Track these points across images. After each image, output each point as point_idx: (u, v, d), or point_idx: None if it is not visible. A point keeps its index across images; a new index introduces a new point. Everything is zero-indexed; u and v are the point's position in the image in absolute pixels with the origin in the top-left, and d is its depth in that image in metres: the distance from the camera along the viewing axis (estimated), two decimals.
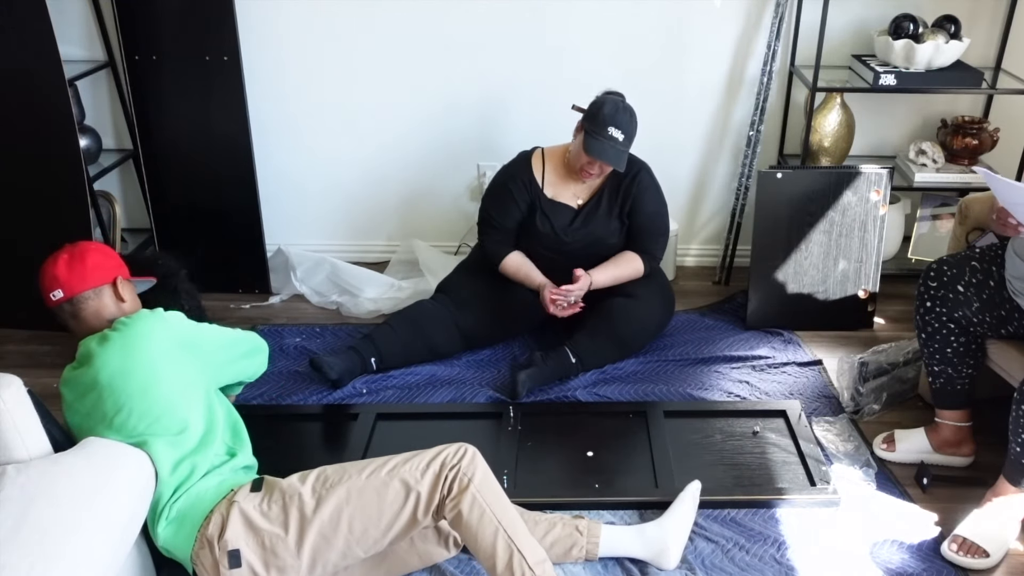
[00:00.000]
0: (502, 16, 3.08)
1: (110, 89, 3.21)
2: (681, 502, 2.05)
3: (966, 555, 1.98)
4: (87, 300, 1.89)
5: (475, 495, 1.72)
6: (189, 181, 3.12)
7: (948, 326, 2.19)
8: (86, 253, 1.93)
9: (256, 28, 3.05)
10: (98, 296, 1.91)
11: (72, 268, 1.89)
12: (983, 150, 3.05)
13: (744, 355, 2.81)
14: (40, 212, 2.85)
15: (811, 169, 2.92)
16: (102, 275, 1.93)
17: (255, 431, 2.45)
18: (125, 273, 2.01)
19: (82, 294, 1.89)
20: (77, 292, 1.88)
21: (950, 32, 2.92)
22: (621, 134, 2.51)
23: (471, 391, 2.64)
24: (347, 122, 3.27)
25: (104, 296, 1.92)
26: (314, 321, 3.07)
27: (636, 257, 2.73)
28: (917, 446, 2.32)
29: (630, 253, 2.74)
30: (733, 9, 3.07)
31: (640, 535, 1.99)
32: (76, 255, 1.92)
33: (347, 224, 3.45)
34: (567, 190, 2.71)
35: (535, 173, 2.70)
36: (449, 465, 1.74)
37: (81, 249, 1.94)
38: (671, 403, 2.56)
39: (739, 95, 3.20)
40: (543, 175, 2.70)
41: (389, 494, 1.72)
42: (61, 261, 1.90)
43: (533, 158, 2.72)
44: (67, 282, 1.88)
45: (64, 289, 1.88)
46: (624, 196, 2.69)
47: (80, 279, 1.89)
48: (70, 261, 1.90)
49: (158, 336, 1.85)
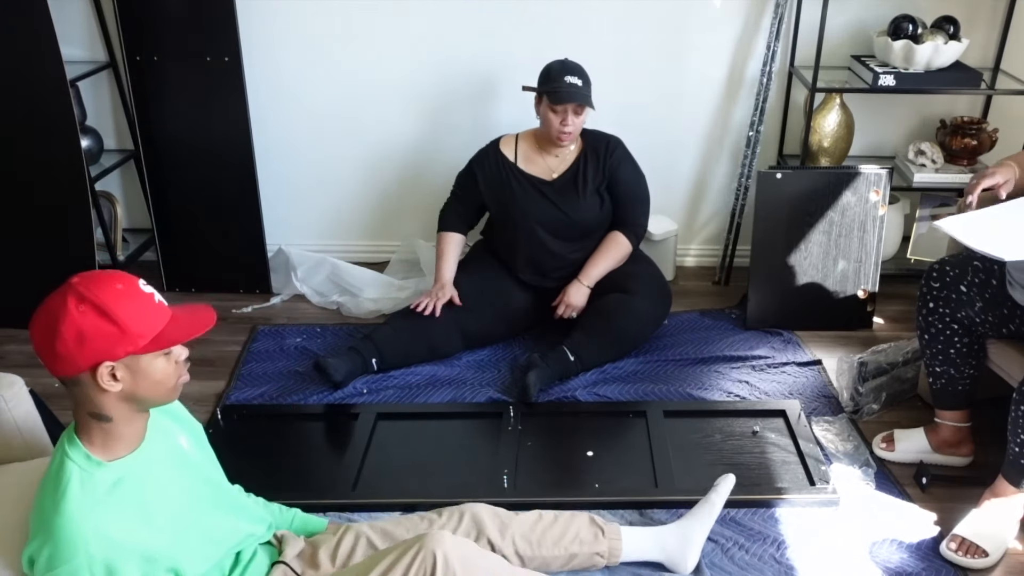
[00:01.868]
0: (502, 18, 3.08)
1: (111, 90, 3.22)
2: (710, 504, 2.00)
3: (965, 554, 1.99)
4: (67, 384, 1.36)
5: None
6: (190, 181, 3.12)
7: (951, 327, 2.19)
8: (61, 320, 1.29)
9: (257, 29, 3.05)
10: (77, 383, 1.35)
11: (43, 344, 1.33)
12: (982, 150, 3.05)
13: (744, 355, 2.81)
14: (42, 212, 2.86)
15: (810, 169, 2.93)
16: (78, 359, 1.31)
17: (255, 431, 2.47)
18: (134, 345, 1.33)
19: (62, 380, 1.36)
20: (53, 373, 1.35)
21: (949, 33, 2.92)
22: (578, 79, 2.61)
23: (471, 391, 2.64)
24: (347, 122, 3.27)
25: (83, 385, 1.34)
26: (315, 321, 3.08)
27: (619, 236, 2.80)
28: (916, 446, 2.33)
29: (613, 234, 2.81)
30: (733, 9, 3.07)
31: (659, 537, 1.96)
32: (48, 324, 1.31)
33: (347, 224, 3.45)
34: (541, 164, 2.78)
35: (504, 150, 2.80)
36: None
37: (56, 314, 1.30)
38: (671, 403, 2.56)
39: (738, 95, 3.21)
40: (515, 153, 2.80)
41: None
42: (35, 323, 1.34)
43: (503, 141, 2.83)
44: (40, 354, 1.34)
45: (43, 362, 1.35)
46: (602, 171, 2.75)
47: (50, 360, 1.33)
48: (43, 331, 1.32)
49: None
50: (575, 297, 2.76)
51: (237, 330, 3.02)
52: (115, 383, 1.34)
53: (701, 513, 1.99)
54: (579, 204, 2.75)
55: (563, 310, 2.77)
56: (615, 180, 2.76)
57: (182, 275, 3.26)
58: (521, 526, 1.86)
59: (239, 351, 2.89)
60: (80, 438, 1.38)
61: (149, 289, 1.39)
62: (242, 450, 2.36)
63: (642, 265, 2.87)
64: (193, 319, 1.41)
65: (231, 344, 2.93)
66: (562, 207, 2.75)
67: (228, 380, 2.73)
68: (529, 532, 1.86)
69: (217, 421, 2.47)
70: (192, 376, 1.38)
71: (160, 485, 1.44)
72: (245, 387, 2.68)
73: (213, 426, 2.46)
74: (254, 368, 2.78)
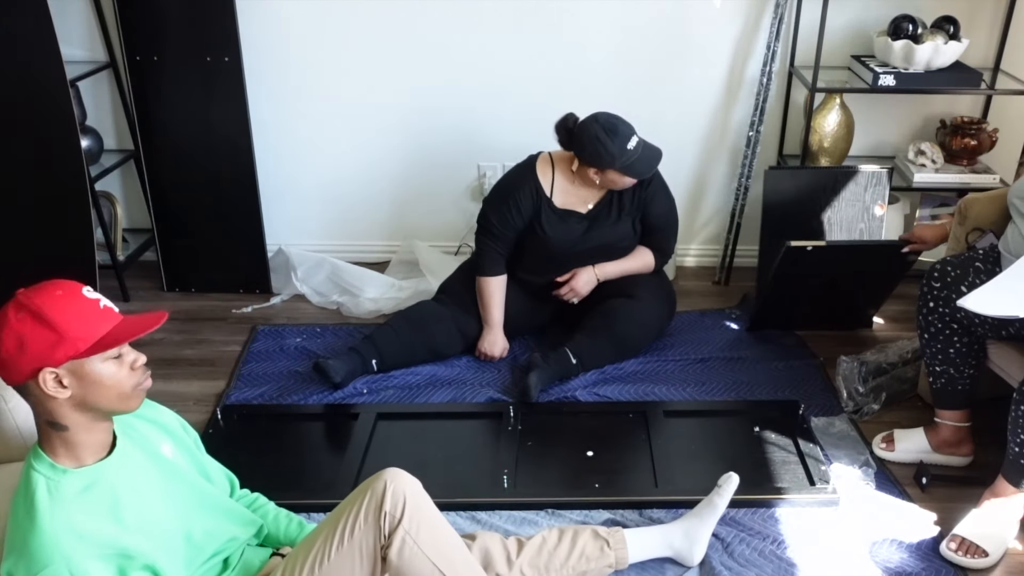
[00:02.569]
0: (503, 16, 3.08)
1: (111, 90, 3.22)
2: (713, 505, 2.00)
3: (965, 554, 1.99)
4: (21, 393, 1.37)
5: (404, 537, 1.53)
6: (190, 181, 3.12)
7: (951, 326, 2.19)
8: (1, 328, 1.31)
9: (257, 29, 3.05)
10: (26, 393, 1.36)
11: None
12: (982, 150, 3.05)
13: (744, 355, 2.81)
14: (42, 212, 2.86)
15: (813, 169, 2.93)
16: (19, 366, 1.31)
17: (255, 431, 2.47)
18: (74, 348, 1.32)
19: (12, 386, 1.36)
20: (6, 382, 1.36)
21: (949, 33, 2.92)
22: (636, 138, 2.52)
23: (471, 391, 2.64)
24: (348, 122, 3.27)
25: (30, 394, 1.35)
26: (315, 321, 3.08)
27: (648, 252, 2.77)
28: (916, 446, 2.33)
29: (642, 248, 2.78)
30: (733, 9, 3.07)
31: (665, 535, 1.98)
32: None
33: (347, 224, 3.45)
34: (576, 196, 2.68)
35: (542, 181, 2.65)
36: (375, 510, 1.54)
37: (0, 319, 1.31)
38: (671, 403, 2.56)
39: (738, 95, 3.21)
40: (552, 183, 2.66)
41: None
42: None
43: (540, 164, 2.66)
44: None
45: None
46: (637, 201, 2.69)
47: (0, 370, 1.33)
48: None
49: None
50: (581, 284, 2.71)
51: (237, 330, 3.02)
52: (62, 389, 1.33)
53: (705, 512, 2.00)
54: (611, 232, 2.69)
55: (565, 291, 2.73)
56: (649, 212, 2.71)
57: (182, 275, 3.26)
58: (526, 553, 1.86)
59: (239, 351, 2.89)
60: (44, 449, 1.39)
61: (94, 295, 1.37)
62: (242, 450, 2.36)
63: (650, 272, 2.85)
64: (139, 323, 1.39)
65: (231, 344, 2.93)
66: (594, 235, 2.69)
67: (228, 380, 2.73)
68: (535, 557, 1.86)
69: (217, 421, 2.47)
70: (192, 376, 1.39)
71: (135, 490, 1.44)
72: (245, 387, 2.68)
73: (213, 426, 2.45)
74: (254, 368, 2.78)
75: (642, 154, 2.52)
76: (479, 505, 2.16)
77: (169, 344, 2.89)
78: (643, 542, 1.96)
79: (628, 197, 2.68)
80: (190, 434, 1.66)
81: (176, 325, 3.03)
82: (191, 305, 3.19)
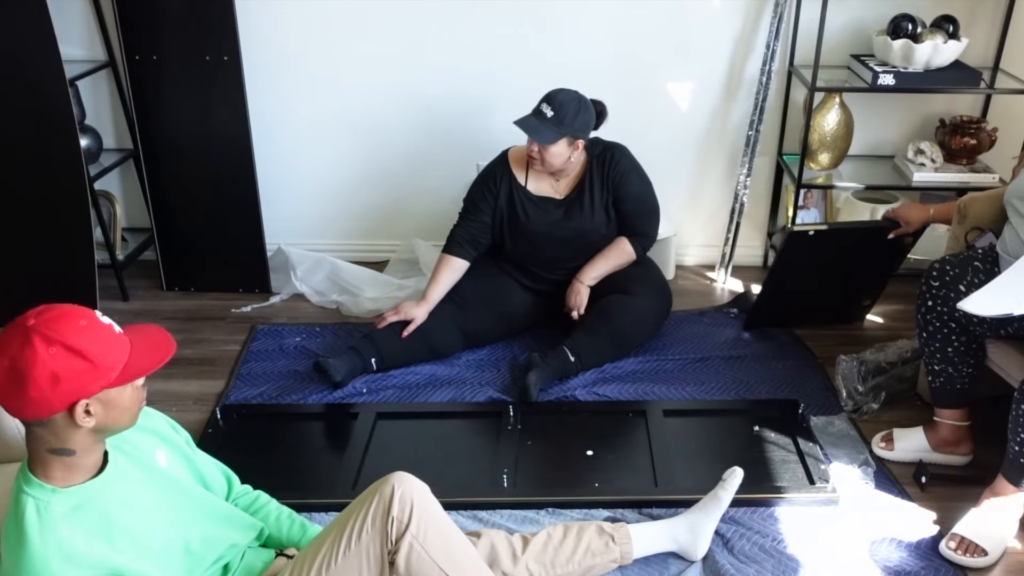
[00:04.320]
0: (502, 16, 3.08)
1: (111, 89, 3.22)
2: (717, 499, 2.01)
3: (964, 554, 1.99)
4: (29, 424, 1.34)
5: (411, 543, 1.53)
6: (189, 181, 3.12)
7: (949, 325, 2.20)
8: (31, 365, 1.26)
9: (256, 28, 3.05)
10: (45, 423, 1.32)
11: (9, 391, 1.28)
12: (981, 150, 3.05)
13: (743, 354, 2.82)
14: (41, 212, 2.86)
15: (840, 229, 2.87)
16: (54, 400, 1.29)
17: (255, 430, 2.47)
18: (105, 379, 1.32)
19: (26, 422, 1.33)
20: (21, 417, 1.33)
21: (948, 32, 2.92)
22: (550, 109, 2.57)
23: (471, 391, 2.64)
24: (347, 121, 3.27)
25: (54, 423, 1.32)
26: (314, 321, 3.08)
27: (625, 242, 2.79)
28: (916, 445, 2.33)
29: (619, 240, 2.79)
30: (732, 9, 3.07)
31: (669, 530, 1.99)
32: (14, 370, 1.27)
33: (347, 224, 3.45)
34: (548, 184, 2.76)
35: (515, 170, 2.75)
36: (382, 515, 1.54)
37: (23, 360, 1.26)
38: (671, 402, 2.57)
39: (738, 94, 3.21)
40: (525, 173, 2.75)
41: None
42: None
43: (512, 156, 2.77)
44: (5, 401, 1.30)
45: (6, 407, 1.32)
46: (607, 185, 2.72)
47: (18, 406, 1.29)
48: (8, 378, 1.27)
49: None
50: (576, 299, 2.76)
51: (236, 329, 3.02)
52: (89, 418, 1.33)
53: (709, 506, 2.01)
54: (587, 222, 2.73)
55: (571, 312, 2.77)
56: (621, 196, 2.73)
57: (181, 274, 3.26)
58: (532, 550, 1.86)
59: (238, 351, 2.89)
60: (35, 474, 1.36)
61: (107, 320, 1.37)
62: (242, 450, 2.36)
63: (643, 267, 2.86)
64: (152, 345, 1.40)
65: (230, 344, 2.93)
66: (571, 226, 2.73)
67: (227, 380, 2.73)
68: (541, 554, 1.86)
69: (216, 421, 2.47)
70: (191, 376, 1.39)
71: (129, 504, 1.43)
72: (244, 387, 2.68)
73: (212, 426, 2.45)
74: (253, 368, 2.78)
75: (531, 118, 2.60)
76: (479, 505, 2.16)
77: None
78: (648, 537, 1.97)
79: (598, 181, 2.72)
80: (181, 434, 1.65)
81: (175, 325, 3.03)
82: (190, 304, 3.19)
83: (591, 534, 1.91)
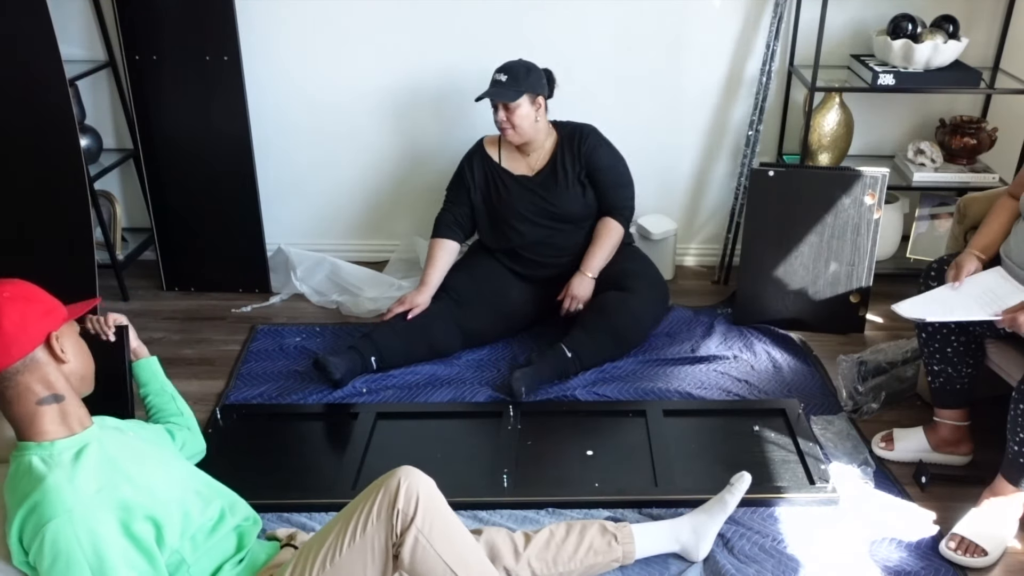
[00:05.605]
0: (502, 16, 3.09)
1: (111, 89, 3.22)
2: (723, 503, 2.02)
3: (964, 553, 1.99)
4: (13, 376, 1.43)
5: (416, 536, 1.53)
6: (189, 181, 3.12)
7: (948, 325, 2.20)
8: (1, 308, 1.40)
9: (256, 28, 3.05)
10: (28, 367, 1.43)
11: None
12: (981, 149, 3.06)
13: (743, 354, 2.82)
14: (41, 211, 2.86)
15: (805, 168, 2.91)
16: (30, 334, 1.43)
17: (255, 430, 2.47)
18: (61, 315, 1.49)
19: (5, 371, 1.42)
20: (7, 363, 1.41)
21: (948, 32, 2.92)
22: (504, 75, 2.69)
23: (471, 390, 2.64)
24: (346, 121, 3.27)
25: (37, 364, 1.44)
26: (314, 320, 3.08)
27: (611, 222, 2.84)
28: (915, 445, 2.33)
29: (604, 220, 2.84)
30: (732, 9, 3.07)
31: (673, 530, 1.99)
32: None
33: (347, 223, 3.45)
34: (523, 161, 2.84)
35: (489, 151, 2.87)
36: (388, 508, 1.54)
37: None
38: (670, 402, 2.57)
39: (738, 94, 3.21)
40: (499, 152, 2.86)
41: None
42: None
43: (486, 141, 2.90)
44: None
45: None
46: (578, 160, 2.80)
47: (3, 351, 1.40)
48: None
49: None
50: (579, 289, 2.77)
51: (236, 329, 3.02)
52: (65, 357, 1.47)
53: (715, 509, 2.01)
54: (562, 195, 2.79)
55: (569, 303, 2.79)
56: (593, 167, 2.80)
57: (181, 274, 3.26)
58: (534, 547, 1.87)
59: (238, 350, 2.89)
60: (30, 439, 1.45)
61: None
62: (241, 450, 2.36)
63: (640, 264, 2.87)
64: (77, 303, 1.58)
65: (230, 343, 2.93)
66: (547, 200, 2.80)
67: (227, 379, 2.73)
68: (543, 551, 1.86)
69: (216, 420, 2.47)
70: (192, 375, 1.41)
71: (126, 447, 1.54)
72: (244, 386, 2.68)
73: (212, 425, 2.45)
74: (253, 367, 2.78)
75: (492, 87, 2.71)
76: (479, 505, 2.16)
77: (168, 343, 2.89)
78: (650, 537, 1.97)
79: (569, 157, 2.79)
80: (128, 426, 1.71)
81: (175, 324, 3.03)
82: (190, 304, 3.19)
83: (593, 533, 1.92)
